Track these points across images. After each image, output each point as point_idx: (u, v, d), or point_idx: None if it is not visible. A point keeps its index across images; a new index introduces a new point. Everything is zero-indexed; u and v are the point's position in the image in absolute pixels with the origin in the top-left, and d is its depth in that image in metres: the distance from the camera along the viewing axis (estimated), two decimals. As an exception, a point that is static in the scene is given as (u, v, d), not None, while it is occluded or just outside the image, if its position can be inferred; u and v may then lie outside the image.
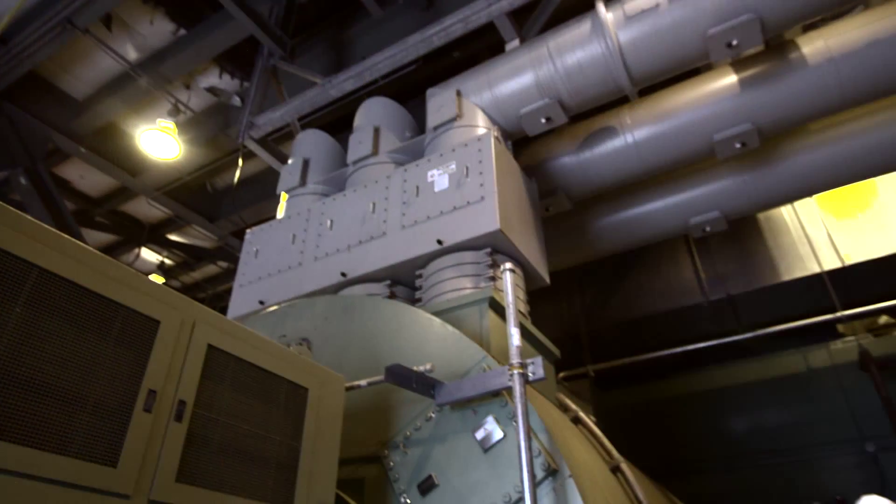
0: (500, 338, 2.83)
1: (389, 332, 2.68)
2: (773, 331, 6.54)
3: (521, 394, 1.87)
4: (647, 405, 8.70)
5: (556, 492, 1.90)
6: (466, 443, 2.13)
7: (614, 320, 7.40)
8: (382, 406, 2.45)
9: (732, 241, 7.11)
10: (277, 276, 4.19)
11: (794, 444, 7.55)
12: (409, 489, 2.16)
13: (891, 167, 4.85)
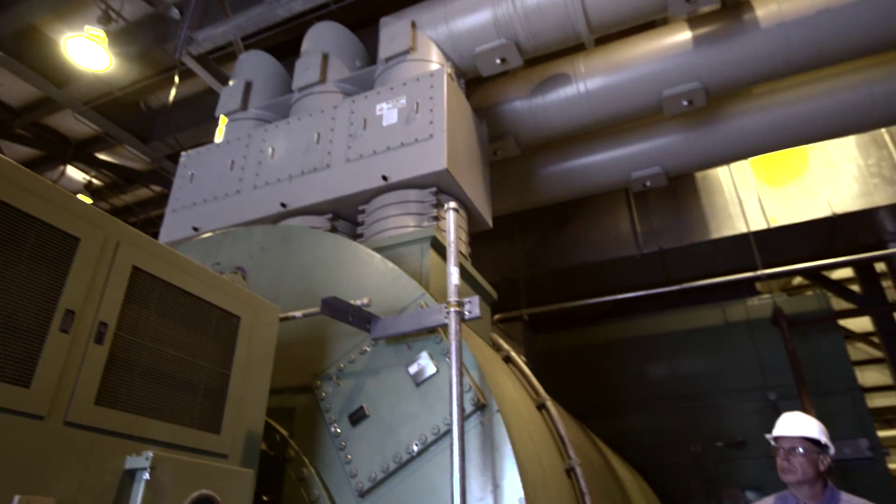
0: (439, 277, 2.84)
1: (328, 266, 2.65)
2: (698, 285, 6.88)
3: (455, 331, 1.89)
4: (576, 349, 9.11)
5: (484, 425, 1.97)
6: (399, 377, 2.16)
7: (551, 267, 7.59)
8: (317, 338, 2.45)
9: (669, 197, 7.33)
10: (213, 203, 4.03)
11: (706, 390, 8.13)
12: (339, 419, 2.18)
13: (825, 135, 5.07)
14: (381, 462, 2.03)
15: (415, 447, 2.00)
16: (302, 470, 2.12)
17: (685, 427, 8.01)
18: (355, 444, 2.12)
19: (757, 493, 7.35)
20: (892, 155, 6.35)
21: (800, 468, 2.54)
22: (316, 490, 2.06)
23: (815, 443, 2.56)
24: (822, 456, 2.56)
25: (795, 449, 2.56)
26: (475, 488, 1.88)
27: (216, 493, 1.57)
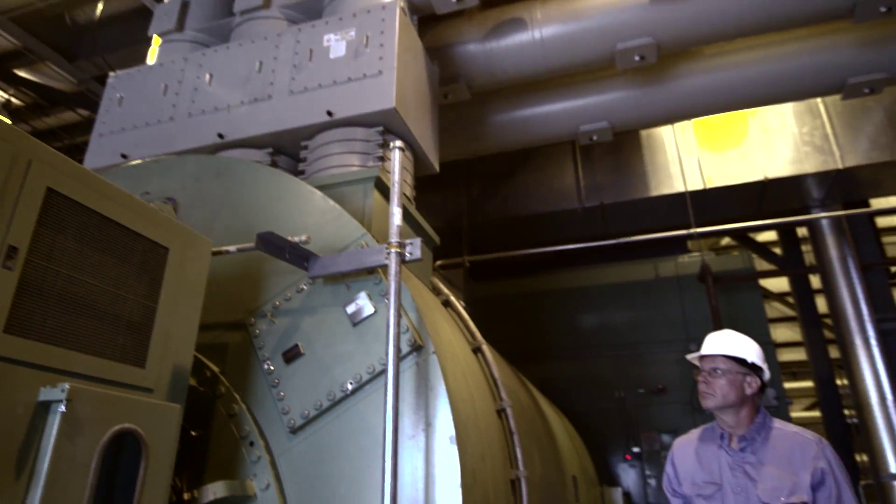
0: (382, 219, 2.79)
1: (266, 201, 2.55)
2: (635, 240, 7.10)
3: (395, 272, 1.87)
4: (514, 298, 9.33)
5: (419, 366, 1.99)
6: (336, 316, 2.14)
7: (495, 216, 7.64)
8: (252, 275, 2.37)
9: (614, 153, 7.45)
10: (144, 130, 3.78)
11: (632, 340, 8.56)
12: (273, 356, 2.15)
13: (766, 101, 5.22)
14: (314, 400, 2.03)
15: (349, 386, 2.00)
16: (232, 406, 2.09)
17: (611, 374, 8.44)
18: (288, 382, 2.10)
19: (672, 435, 7.89)
20: (825, 125, 6.63)
21: (719, 391, 2.22)
22: (246, 426, 2.04)
23: (740, 363, 2.23)
24: (750, 378, 2.23)
25: (716, 369, 2.25)
26: (408, 426, 1.91)
27: (139, 428, 1.53)
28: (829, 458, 2.10)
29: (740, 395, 2.22)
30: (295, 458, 2.00)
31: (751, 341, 2.33)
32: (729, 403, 2.22)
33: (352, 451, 1.93)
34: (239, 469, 2.01)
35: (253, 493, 1.96)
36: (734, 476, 2.19)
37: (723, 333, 2.37)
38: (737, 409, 2.24)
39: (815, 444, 2.12)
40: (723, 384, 2.23)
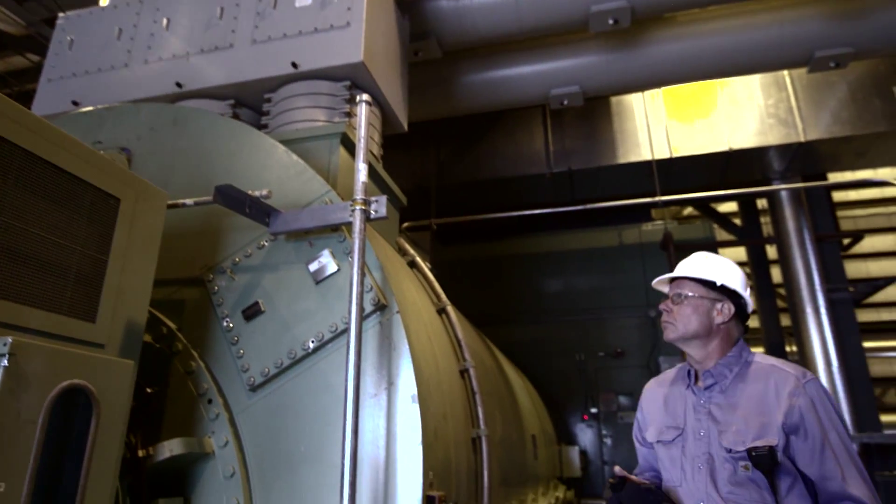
0: (347, 177, 2.72)
1: (225, 153, 2.45)
2: (601, 206, 7.16)
3: (360, 230, 1.83)
4: (480, 262, 9.38)
5: (382, 325, 1.97)
6: (298, 274, 2.09)
7: (464, 179, 7.60)
8: (211, 230, 2.30)
9: (583, 119, 7.44)
10: (97, 76, 3.58)
11: (594, 305, 8.74)
12: (232, 314, 2.10)
13: (735, 71, 5.24)
14: (274, 357, 1.99)
15: (311, 344, 1.97)
16: (190, 363, 2.04)
17: (572, 338, 8.63)
18: (248, 339, 2.06)
19: (629, 397, 8.15)
20: (790, 98, 6.73)
21: (680, 320, 1.89)
22: (204, 383, 2.00)
23: (710, 287, 1.90)
24: (722, 305, 1.88)
25: (679, 295, 1.92)
26: (370, 385, 1.90)
27: (90, 384, 1.47)
28: (812, 396, 1.70)
29: (706, 323, 1.88)
30: (254, 415, 1.98)
31: (729, 263, 1.96)
32: (691, 333, 1.88)
33: (312, 410, 1.91)
34: (197, 426, 1.98)
35: (211, 451, 1.93)
36: (697, 419, 1.84)
37: (698, 255, 2.00)
38: (704, 341, 1.89)
39: (795, 379, 1.73)
40: (686, 312, 1.89)
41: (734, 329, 1.93)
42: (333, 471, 1.77)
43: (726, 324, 1.90)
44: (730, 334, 1.92)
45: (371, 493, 1.80)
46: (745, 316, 1.96)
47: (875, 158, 6.99)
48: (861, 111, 6.35)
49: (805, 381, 1.74)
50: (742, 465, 1.69)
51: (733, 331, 1.93)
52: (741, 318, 1.95)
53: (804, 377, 1.76)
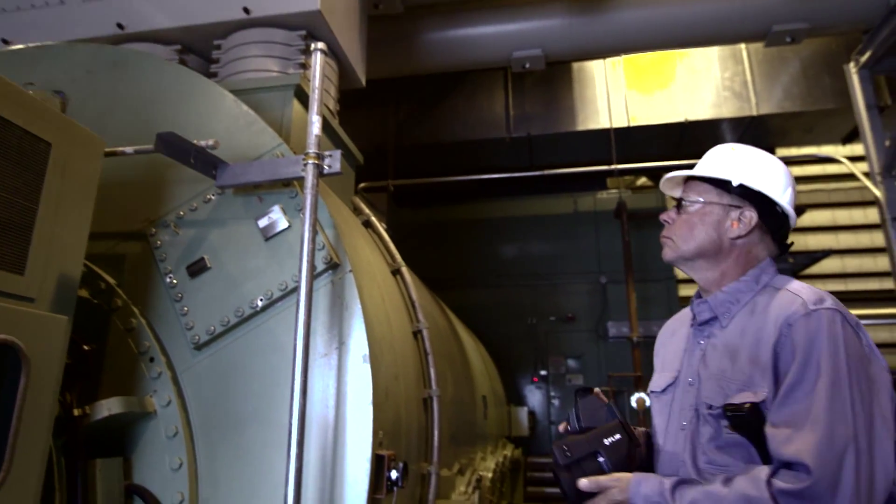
0: (300, 132, 2.62)
1: (170, 101, 2.31)
2: (558, 173, 7.20)
3: (312, 184, 1.76)
4: (437, 225, 9.35)
5: (334, 284, 1.92)
6: (247, 230, 2.01)
7: (423, 141, 7.49)
8: (154, 181, 2.18)
9: (544, 84, 7.39)
10: (29, 13, 3.31)
11: (548, 271, 8.88)
12: (176, 270, 2.01)
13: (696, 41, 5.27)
14: (220, 315, 1.92)
15: (259, 302, 1.91)
16: (130, 320, 1.96)
17: (525, 302, 8.77)
18: (193, 297, 1.98)
19: (578, 360, 8.39)
20: (746, 71, 6.84)
21: (679, 234, 1.50)
22: (146, 341, 1.92)
23: (726, 189, 1.46)
24: (741, 212, 1.45)
25: (685, 201, 1.52)
26: (320, 345, 1.86)
27: (18, 340, 1.38)
28: (818, 328, 1.25)
29: (714, 238, 1.44)
30: (199, 374, 1.92)
31: (762, 157, 1.49)
32: (693, 252, 1.46)
33: (260, 369, 1.87)
34: (137, 385, 1.91)
35: (153, 410, 1.87)
36: (689, 364, 1.47)
37: (721, 147, 1.57)
38: (712, 262, 1.46)
39: (801, 304, 1.29)
40: (688, 223, 1.48)
41: (758, 246, 1.46)
42: (281, 430, 1.74)
43: (746, 238, 1.44)
44: (751, 253, 1.45)
45: (319, 452, 1.78)
46: (780, 229, 1.46)
47: (820, 135, 7.23)
48: (811, 88, 6.52)
49: (814, 307, 1.27)
50: (725, 424, 1.31)
51: (756, 248, 1.46)
52: (773, 233, 1.46)
53: (816, 303, 1.28)
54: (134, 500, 1.86)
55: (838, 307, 1.30)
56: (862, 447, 1.16)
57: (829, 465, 1.14)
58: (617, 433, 1.41)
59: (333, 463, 1.78)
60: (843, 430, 1.17)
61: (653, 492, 1.29)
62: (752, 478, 1.21)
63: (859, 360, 1.25)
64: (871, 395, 1.23)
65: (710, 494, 1.23)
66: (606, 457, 1.39)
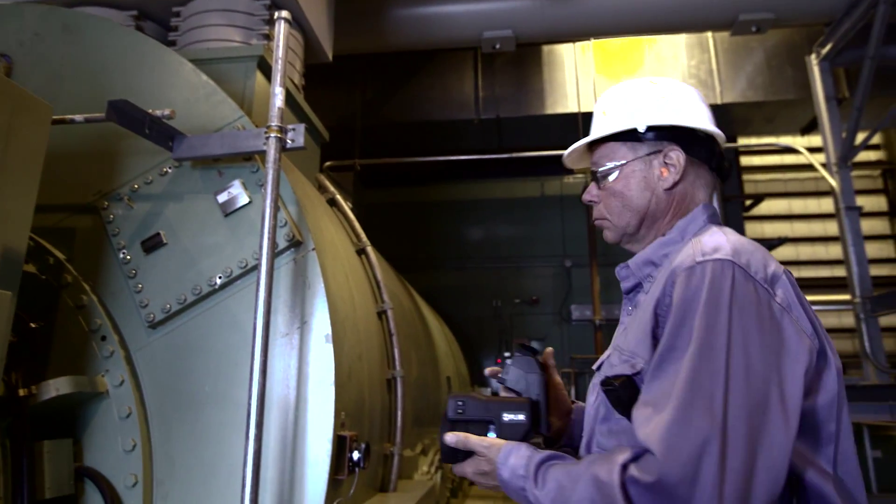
0: (263, 105, 2.53)
1: (125, 68, 2.20)
2: (526, 156, 7.21)
3: (274, 159, 1.70)
4: (402, 206, 9.29)
5: (297, 262, 1.88)
6: (206, 205, 1.94)
7: (390, 120, 7.39)
8: (107, 152, 2.08)
9: (514, 66, 7.36)
10: (-30, -32, 3.10)
11: (513, 253, 8.94)
12: (130, 245, 1.93)
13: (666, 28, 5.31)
14: (177, 293, 1.86)
15: (218, 280, 1.85)
16: (81, 297, 1.87)
17: (490, 285, 8.82)
18: (148, 273, 1.90)
19: (541, 342, 8.50)
20: (711, 60, 6.94)
21: (611, 212, 1.28)
22: (98, 319, 1.84)
23: (635, 137, 1.24)
24: (663, 155, 1.23)
25: (596, 175, 1.30)
26: (281, 324, 1.82)
27: (-45, 315, 1.31)
28: (694, 284, 1.00)
29: (648, 197, 1.22)
30: (154, 353, 1.85)
31: (660, 85, 1.28)
32: (634, 223, 1.25)
33: (219, 348, 1.82)
34: (89, 365, 1.83)
35: (105, 390, 1.80)
36: (615, 338, 1.27)
37: (611, 89, 1.35)
38: (657, 226, 1.24)
39: (691, 257, 1.04)
40: (615, 193, 1.25)
41: (696, 185, 1.24)
42: (240, 411, 1.70)
43: (682, 182, 1.22)
44: (687, 198, 1.23)
45: (280, 432, 1.75)
46: (712, 155, 1.23)
47: (781, 125, 7.40)
48: (774, 78, 6.66)
49: (703, 258, 1.01)
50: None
51: (694, 189, 1.24)
52: (707, 162, 1.23)
53: (708, 253, 1.02)
54: (85, 482, 1.79)
55: (735, 258, 1.00)
56: (736, 433, 0.89)
57: (681, 453, 0.89)
58: (522, 414, 1.19)
59: (294, 444, 1.75)
60: (705, 411, 0.90)
61: (519, 465, 1.10)
62: (610, 459, 0.97)
63: (756, 321, 0.96)
64: (769, 367, 0.94)
65: (570, 474, 1.02)
66: (498, 433, 1.19)
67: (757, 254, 1.05)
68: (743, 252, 1.03)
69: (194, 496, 1.75)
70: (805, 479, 0.98)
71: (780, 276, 1.05)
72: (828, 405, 1.00)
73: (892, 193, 11.74)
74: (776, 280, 1.04)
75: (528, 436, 1.20)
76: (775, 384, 0.94)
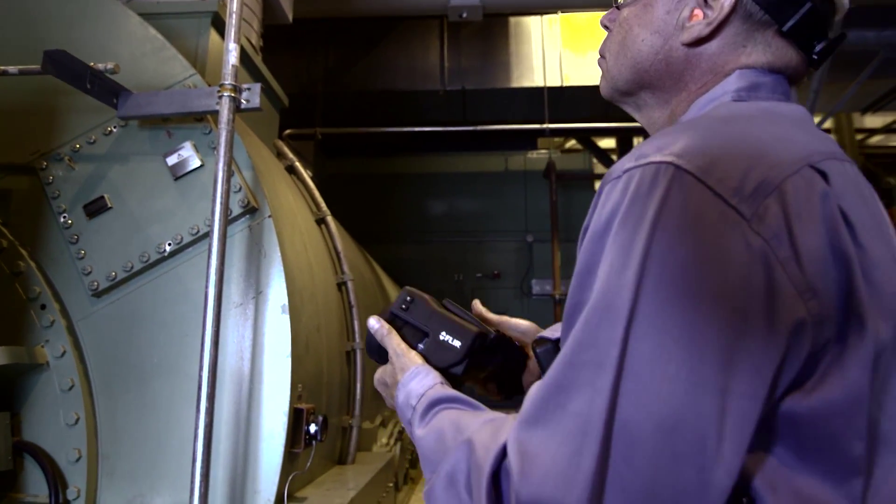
0: (218, 65, 2.38)
1: (65, 18, 2.04)
2: (491, 129, 7.16)
3: (227, 119, 1.61)
4: (365, 178, 9.14)
5: (252, 230, 1.80)
6: (154, 167, 1.83)
7: (353, 88, 7.20)
8: (46, 109, 1.93)
9: (481, 37, 7.25)
10: None
11: (476, 228, 8.94)
12: (71, 209, 1.81)
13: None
14: (123, 260, 1.76)
15: (167, 247, 1.76)
16: (18, 263, 1.75)
17: (452, 259, 8.82)
18: (91, 239, 1.79)
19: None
20: (674, 38, 6.96)
21: (612, 47, 0.86)
22: (36, 286, 1.73)
23: None
24: None
25: None
26: (235, 294, 1.75)
27: None
28: (613, 203, 0.60)
29: (656, 46, 0.78)
30: (98, 323, 1.76)
31: None
32: (627, 76, 0.84)
33: (168, 318, 1.73)
34: (27, 335, 1.73)
35: (45, 362, 1.70)
36: None
37: None
38: (659, 94, 0.82)
39: (619, 165, 0.63)
40: (624, 24, 0.84)
41: (744, 55, 0.75)
42: (191, 383, 1.63)
43: (714, 41, 0.75)
44: (725, 69, 0.75)
45: (234, 405, 1.69)
46: (793, 16, 0.71)
47: (740, 106, 7.51)
48: (735, 59, 6.73)
49: (635, 163, 0.61)
50: None
51: (738, 59, 0.75)
52: (781, 25, 0.72)
53: (644, 156, 0.61)
54: (24, 458, 1.71)
55: (684, 158, 0.58)
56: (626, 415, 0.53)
57: (550, 437, 0.57)
58: (459, 340, 0.92)
59: (248, 417, 1.69)
60: (587, 386, 0.56)
61: (416, 393, 0.86)
62: (499, 430, 0.66)
63: (693, 262, 0.54)
64: (701, 348, 0.53)
65: (458, 427, 0.74)
66: (424, 350, 0.95)
67: (744, 147, 0.60)
68: (708, 147, 0.60)
69: (142, 471, 1.68)
70: None
71: (786, 182, 0.57)
72: (845, 408, 0.56)
73: (840, 176, 12.12)
74: (768, 190, 0.56)
75: (455, 369, 0.93)
76: (706, 383, 0.52)
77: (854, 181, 0.65)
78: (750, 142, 0.61)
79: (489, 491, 0.61)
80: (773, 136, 0.63)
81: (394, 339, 0.95)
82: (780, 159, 0.59)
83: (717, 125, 0.66)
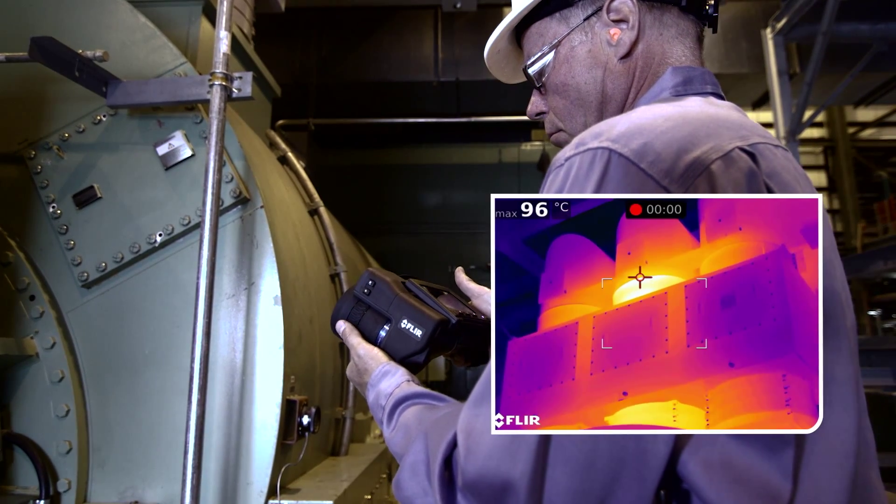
0: (209, 53, 2.34)
1: (54, 5, 2.01)
2: (485, 120, 7.14)
3: (219, 108, 1.59)
4: (359, 169, 9.11)
5: (244, 220, 1.78)
6: (144, 157, 1.81)
7: (346, 78, 7.16)
8: (34, 97, 1.91)
9: (475, 28, 7.21)
10: None
11: (469, 220, 8.93)
12: (60, 199, 1.79)
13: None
14: (113, 251, 1.74)
15: (158, 237, 1.74)
16: (6, 254, 1.73)
17: (446, 250, 8.81)
18: (81, 229, 1.77)
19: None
20: (669, 29, 6.95)
21: (558, 111, 0.93)
22: (25, 277, 1.71)
23: (559, 4, 0.87)
24: (603, 13, 0.84)
25: (534, 66, 0.92)
26: (227, 285, 1.73)
27: None
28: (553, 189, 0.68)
29: (599, 76, 0.86)
30: (89, 314, 1.74)
31: None
32: (593, 122, 0.86)
33: (159, 310, 1.72)
34: (16, 326, 1.71)
35: (34, 353, 1.69)
36: None
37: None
38: (617, 113, 0.86)
39: (561, 154, 0.71)
40: (557, 87, 0.90)
41: (665, 40, 0.85)
42: (182, 374, 1.62)
43: (641, 42, 0.84)
44: (656, 58, 0.85)
45: (226, 397, 1.69)
46: None
47: (733, 99, 7.47)
48: (729, 51, 6.74)
49: (575, 151, 0.67)
50: None
51: (663, 45, 0.85)
52: (677, 2, 0.84)
53: (583, 143, 0.67)
54: (14, 450, 1.69)
55: (620, 142, 0.63)
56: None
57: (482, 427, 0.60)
58: (420, 329, 0.90)
59: (241, 408, 1.69)
60: None
61: (385, 393, 0.87)
62: (457, 412, 0.67)
63: None
64: None
65: (420, 421, 0.77)
66: (386, 339, 0.92)
67: (675, 132, 0.63)
68: (642, 132, 0.63)
69: (134, 463, 1.68)
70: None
71: (715, 163, 0.61)
72: None
73: (832, 170, 12.24)
74: (698, 171, 0.60)
75: (416, 357, 0.92)
76: None
77: (784, 164, 0.69)
78: (683, 127, 0.66)
79: (441, 474, 0.63)
80: (706, 122, 0.68)
81: (354, 339, 0.96)
82: (710, 142, 0.64)
83: (653, 113, 0.70)
